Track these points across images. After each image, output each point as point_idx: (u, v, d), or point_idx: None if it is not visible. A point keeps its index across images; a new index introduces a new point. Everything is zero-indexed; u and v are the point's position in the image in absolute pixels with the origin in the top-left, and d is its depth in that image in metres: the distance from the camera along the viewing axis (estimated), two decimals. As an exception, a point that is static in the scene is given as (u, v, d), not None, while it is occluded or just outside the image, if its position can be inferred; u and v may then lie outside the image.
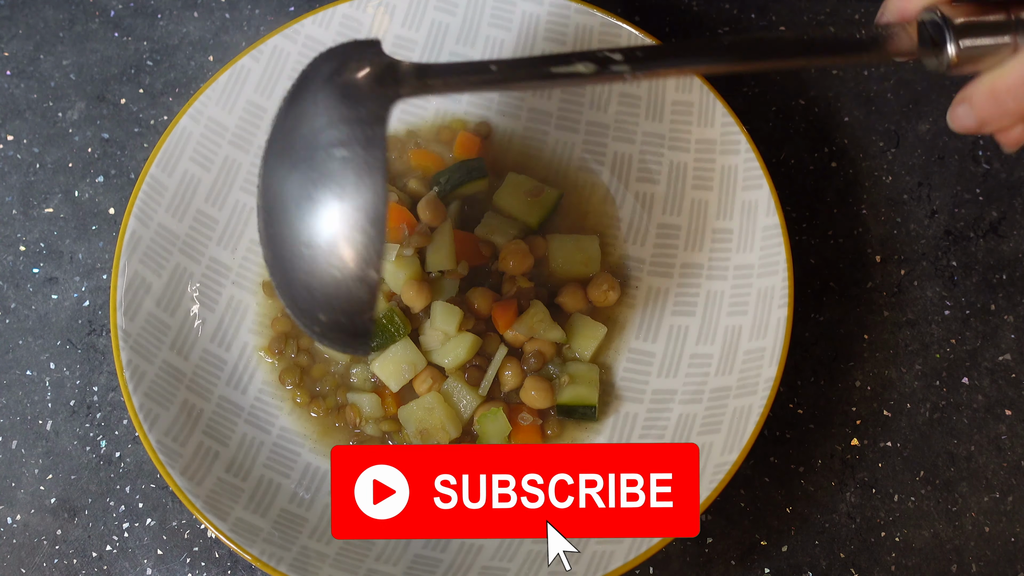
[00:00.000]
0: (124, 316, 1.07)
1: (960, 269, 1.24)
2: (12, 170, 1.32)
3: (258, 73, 1.21)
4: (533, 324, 1.12)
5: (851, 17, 1.40)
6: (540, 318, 1.12)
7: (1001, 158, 1.30)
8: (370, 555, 1.03)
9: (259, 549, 0.99)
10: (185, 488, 1.00)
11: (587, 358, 1.14)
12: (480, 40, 1.26)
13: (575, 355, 1.15)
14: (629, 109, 1.23)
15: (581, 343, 1.14)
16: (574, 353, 1.15)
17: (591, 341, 1.14)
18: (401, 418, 1.10)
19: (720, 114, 1.17)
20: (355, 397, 1.12)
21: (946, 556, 1.11)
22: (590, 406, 1.10)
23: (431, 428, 1.08)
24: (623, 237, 1.21)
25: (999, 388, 1.18)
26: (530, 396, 1.11)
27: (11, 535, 1.13)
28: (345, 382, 1.15)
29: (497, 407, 1.09)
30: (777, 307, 1.07)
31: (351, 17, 1.24)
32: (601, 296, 1.15)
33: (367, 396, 1.12)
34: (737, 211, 1.15)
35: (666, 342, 1.15)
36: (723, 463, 1.01)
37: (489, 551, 1.03)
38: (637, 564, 0.97)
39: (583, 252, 1.18)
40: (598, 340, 1.14)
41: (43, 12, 1.42)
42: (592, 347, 1.14)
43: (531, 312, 1.12)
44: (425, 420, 1.08)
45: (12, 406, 1.19)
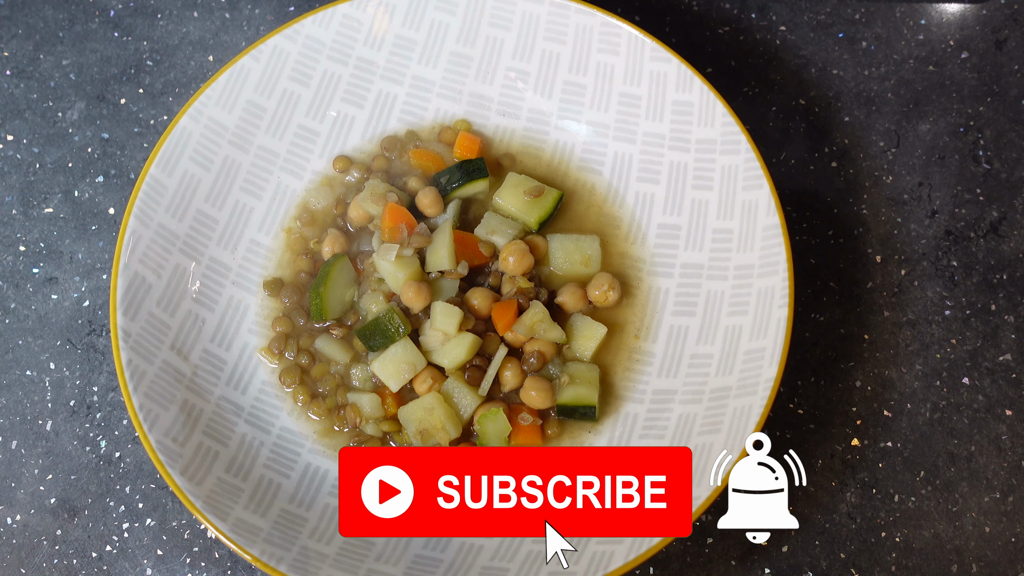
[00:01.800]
0: (124, 316, 1.07)
1: (960, 269, 1.24)
2: (12, 170, 1.32)
3: (258, 73, 1.21)
4: (533, 324, 1.12)
5: (851, 17, 1.40)
6: (540, 318, 1.12)
7: (1001, 158, 1.30)
8: (370, 555, 1.03)
9: (259, 549, 0.99)
10: (185, 488, 1.00)
11: (587, 358, 1.14)
12: (480, 40, 1.26)
13: (576, 355, 1.15)
14: (630, 109, 1.23)
15: (582, 343, 1.14)
16: (575, 353, 1.15)
17: (591, 341, 1.14)
18: (401, 418, 1.10)
19: (720, 114, 1.17)
20: (355, 397, 1.12)
21: (946, 556, 1.11)
22: (590, 406, 1.10)
23: (431, 428, 1.08)
24: (623, 237, 1.21)
25: (999, 388, 1.18)
26: (530, 396, 1.11)
27: (11, 535, 1.13)
28: (345, 382, 1.15)
29: (497, 407, 1.09)
30: (777, 307, 1.07)
31: (351, 17, 1.24)
32: (602, 296, 1.15)
33: (367, 396, 1.12)
34: (737, 211, 1.15)
35: (666, 342, 1.15)
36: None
37: (489, 551, 1.03)
38: (637, 564, 0.97)
39: (583, 252, 1.18)
40: (598, 340, 1.14)
41: (43, 12, 1.42)
42: (592, 347, 1.14)
43: (531, 312, 1.12)
44: (425, 420, 1.08)
45: (12, 406, 1.19)
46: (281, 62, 1.22)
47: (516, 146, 1.26)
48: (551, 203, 1.21)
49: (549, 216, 1.21)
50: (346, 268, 1.17)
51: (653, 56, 1.20)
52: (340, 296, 1.16)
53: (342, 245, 1.19)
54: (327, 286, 1.14)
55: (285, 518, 1.05)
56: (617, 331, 1.17)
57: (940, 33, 1.38)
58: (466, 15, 1.26)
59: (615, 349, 1.16)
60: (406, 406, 1.10)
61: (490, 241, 1.17)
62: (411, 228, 1.16)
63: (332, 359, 1.15)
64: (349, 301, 1.17)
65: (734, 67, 1.37)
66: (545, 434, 1.11)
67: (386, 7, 1.25)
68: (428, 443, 1.08)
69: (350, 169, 1.23)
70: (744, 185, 1.15)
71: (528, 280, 1.15)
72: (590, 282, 1.16)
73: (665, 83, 1.20)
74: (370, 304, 1.14)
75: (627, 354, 1.16)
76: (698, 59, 1.37)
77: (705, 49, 1.38)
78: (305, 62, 1.24)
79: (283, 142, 1.23)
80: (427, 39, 1.26)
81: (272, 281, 1.18)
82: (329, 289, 1.14)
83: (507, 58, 1.26)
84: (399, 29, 1.26)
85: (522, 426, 1.10)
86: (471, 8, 1.26)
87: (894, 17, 1.40)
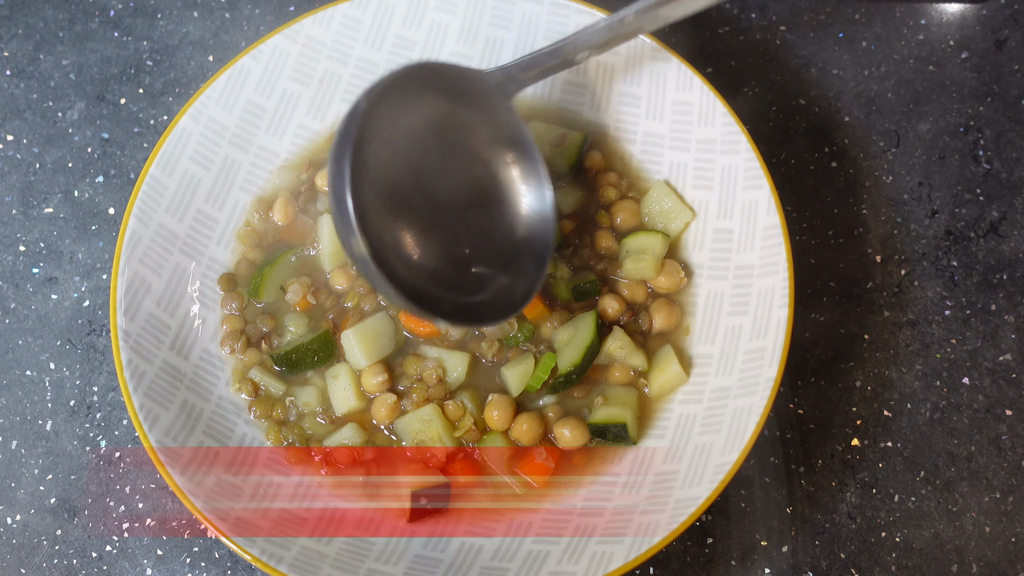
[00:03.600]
0: (124, 316, 1.07)
1: (961, 269, 1.24)
2: (12, 170, 1.32)
3: (258, 73, 1.21)
4: (612, 351, 1.10)
5: (851, 17, 1.40)
6: (620, 344, 1.10)
7: (1002, 158, 1.30)
8: (370, 555, 1.03)
9: (259, 549, 0.99)
10: (185, 488, 1.00)
11: (652, 395, 1.12)
12: (480, 40, 1.26)
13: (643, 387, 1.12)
14: (629, 109, 1.23)
15: (657, 379, 1.11)
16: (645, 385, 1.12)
17: (666, 381, 1.11)
18: (397, 429, 1.10)
19: (721, 114, 1.17)
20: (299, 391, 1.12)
21: (946, 556, 1.11)
22: (621, 423, 1.07)
23: (428, 440, 1.08)
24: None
25: (1000, 388, 1.18)
26: (564, 436, 1.08)
27: (11, 535, 1.13)
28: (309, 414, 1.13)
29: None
30: (777, 307, 1.07)
31: (351, 17, 1.24)
32: (678, 281, 1.15)
33: (308, 389, 1.12)
34: (737, 211, 1.15)
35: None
36: (723, 463, 1.01)
37: (489, 551, 1.03)
38: (637, 564, 0.97)
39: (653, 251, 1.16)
40: (672, 385, 1.11)
41: (43, 12, 1.42)
42: (664, 389, 1.11)
43: (612, 338, 1.11)
44: (422, 432, 1.08)
45: (12, 406, 1.19)
46: (281, 62, 1.22)
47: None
48: (576, 146, 1.21)
49: (577, 160, 1.21)
50: (292, 264, 1.17)
51: (653, 56, 1.20)
52: (278, 282, 1.16)
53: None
54: (272, 268, 1.15)
55: (285, 518, 1.05)
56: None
57: (940, 33, 1.39)
58: (466, 15, 1.26)
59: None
60: (402, 418, 1.10)
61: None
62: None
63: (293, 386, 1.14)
64: (280, 291, 1.16)
65: (734, 67, 1.37)
66: (549, 468, 1.09)
67: (386, 7, 1.25)
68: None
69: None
70: (744, 185, 1.15)
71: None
72: (663, 269, 1.15)
73: (665, 83, 1.20)
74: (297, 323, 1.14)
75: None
76: (698, 59, 1.37)
77: (705, 49, 1.38)
78: (305, 62, 1.24)
79: (283, 142, 1.23)
80: (427, 39, 1.26)
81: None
82: (273, 272, 1.15)
83: (507, 58, 1.26)
84: (399, 29, 1.26)
85: (535, 461, 1.08)
86: (471, 8, 1.26)
87: (894, 17, 1.40)
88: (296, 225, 1.19)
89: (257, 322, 1.14)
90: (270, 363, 1.13)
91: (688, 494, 1.01)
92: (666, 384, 1.10)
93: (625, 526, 1.01)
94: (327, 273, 1.17)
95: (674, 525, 0.98)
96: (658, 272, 1.14)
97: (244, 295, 1.15)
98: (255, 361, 1.13)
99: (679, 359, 1.11)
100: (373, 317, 1.13)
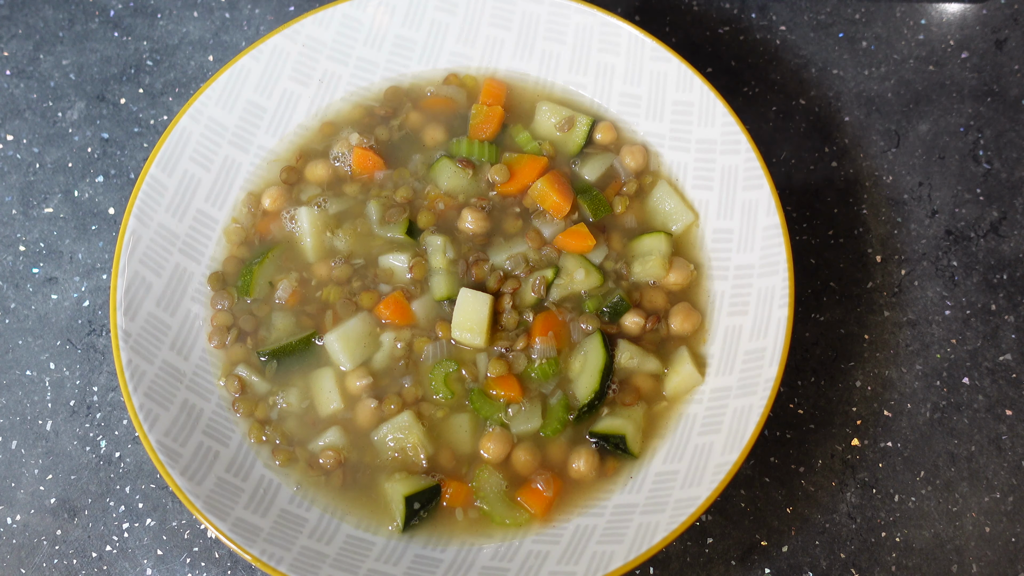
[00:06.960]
0: (124, 316, 1.07)
1: (961, 269, 1.24)
2: (12, 170, 1.32)
3: (258, 73, 1.21)
4: (625, 362, 1.11)
5: (851, 17, 1.40)
6: (630, 355, 1.10)
7: (1002, 158, 1.30)
8: (370, 555, 1.03)
9: (259, 549, 0.99)
10: (185, 488, 1.00)
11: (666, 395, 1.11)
12: (480, 40, 1.26)
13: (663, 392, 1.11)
14: (630, 109, 1.23)
15: (671, 380, 1.11)
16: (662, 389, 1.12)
17: (681, 383, 1.11)
18: (376, 439, 1.08)
19: (720, 114, 1.17)
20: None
21: (946, 556, 1.11)
22: (619, 435, 1.06)
23: (407, 448, 1.07)
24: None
25: (1000, 388, 1.18)
26: (573, 469, 1.06)
27: (11, 535, 1.13)
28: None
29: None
30: (777, 307, 1.07)
31: (351, 17, 1.24)
32: (688, 276, 1.15)
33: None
34: (737, 211, 1.15)
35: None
36: (723, 463, 1.01)
37: (489, 552, 1.03)
38: (637, 564, 0.97)
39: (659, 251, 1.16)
40: (688, 390, 1.11)
41: (43, 12, 1.42)
42: (678, 392, 1.11)
43: (622, 349, 1.11)
44: (401, 440, 1.07)
45: (12, 406, 1.19)
46: (281, 62, 1.22)
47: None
48: (585, 130, 1.21)
49: (586, 143, 1.21)
50: (279, 259, 1.17)
51: (653, 56, 1.20)
52: (267, 278, 1.15)
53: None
54: (261, 264, 1.14)
55: (285, 518, 1.05)
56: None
57: (940, 33, 1.39)
58: (466, 15, 1.26)
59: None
60: (378, 428, 1.08)
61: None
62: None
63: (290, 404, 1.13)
64: (270, 288, 1.16)
65: (734, 67, 1.37)
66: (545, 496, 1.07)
67: (386, 7, 1.25)
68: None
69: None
70: (744, 185, 1.15)
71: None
72: (672, 266, 1.15)
73: (665, 83, 1.20)
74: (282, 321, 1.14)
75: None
76: (698, 59, 1.37)
77: (705, 49, 1.38)
78: (305, 62, 1.24)
79: (283, 142, 1.23)
80: (427, 39, 1.26)
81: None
82: (262, 268, 1.14)
83: (507, 58, 1.26)
84: (399, 29, 1.26)
85: (535, 490, 1.05)
86: (471, 8, 1.26)
87: (894, 17, 1.40)
88: (281, 218, 1.18)
89: (243, 320, 1.13)
90: (256, 360, 1.12)
91: (688, 494, 1.01)
92: (680, 385, 1.10)
93: (625, 526, 1.01)
94: (311, 265, 1.16)
95: (674, 525, 0.98)
96: (667, 271, 1.14)
97: (234, 292, 1.15)
98: (242, 357, 1.13)
99: (693, 360, 1.10)
100: (355, 318, 1.12)
